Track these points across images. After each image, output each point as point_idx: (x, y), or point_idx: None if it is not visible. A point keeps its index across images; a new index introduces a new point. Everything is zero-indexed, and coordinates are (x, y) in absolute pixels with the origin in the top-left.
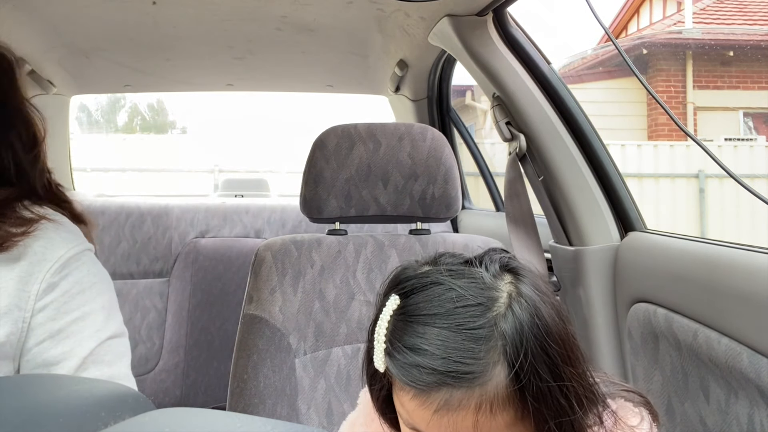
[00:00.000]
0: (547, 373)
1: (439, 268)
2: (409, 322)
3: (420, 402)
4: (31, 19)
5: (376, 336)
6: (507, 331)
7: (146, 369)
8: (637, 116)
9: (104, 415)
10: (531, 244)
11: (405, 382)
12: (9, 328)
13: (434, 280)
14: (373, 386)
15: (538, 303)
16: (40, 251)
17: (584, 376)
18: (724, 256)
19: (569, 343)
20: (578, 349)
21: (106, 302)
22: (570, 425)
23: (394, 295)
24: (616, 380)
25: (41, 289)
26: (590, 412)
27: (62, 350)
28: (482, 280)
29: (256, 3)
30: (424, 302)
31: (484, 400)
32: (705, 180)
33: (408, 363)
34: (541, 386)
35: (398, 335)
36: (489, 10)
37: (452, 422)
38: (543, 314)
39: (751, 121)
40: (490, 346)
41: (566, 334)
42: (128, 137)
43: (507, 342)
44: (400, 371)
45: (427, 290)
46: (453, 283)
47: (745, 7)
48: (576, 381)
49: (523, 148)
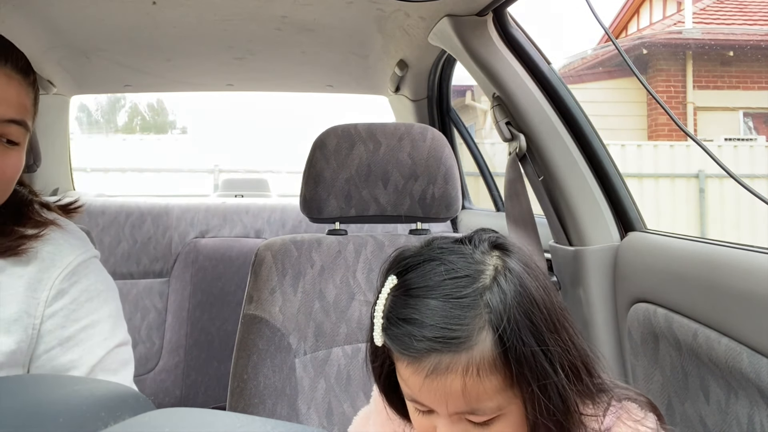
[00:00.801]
0: (530, 338)
1: (432, 247)
2: (404, 297)
3: (413, 369)
4: (31, 19)
5: (375, 314)
6: (491, 300)
7: (146, 369)
8: (637, 116)
9: (104, 415)
10: (531, 244)
11: (399, 351)
12: (19, 335)
13: (427, 258)
14: (375, 363)
15: (524, 276)
16: (48, 257)
17: (572, 345)
18: (724, 256)
19: (555, 313)
20: (567, 321)
21: (113, 310)
22: (555, 390)
23: (391, 275)
24: (621, 383)
25: (51, 296)
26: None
27: (71, 358)
28: (471, 256)
29: (256, 3)
30: (418, 277)
31: (471, 364)
32: (705, 180)
33: (401, 333)
34: (524, 350)
35: (394, 310)
36: (489, 10)
37: (442, 386)
38: (528, 285)
39: (751, 121)
40: (476, 314)
41: (552, 306)
42: (128, 137)
43: (491, 310)
44: (395, 341)
45: (420, 267)
46: (444, 259)
47: (745, 7)
48: (561, 347)
49: (523, 148)
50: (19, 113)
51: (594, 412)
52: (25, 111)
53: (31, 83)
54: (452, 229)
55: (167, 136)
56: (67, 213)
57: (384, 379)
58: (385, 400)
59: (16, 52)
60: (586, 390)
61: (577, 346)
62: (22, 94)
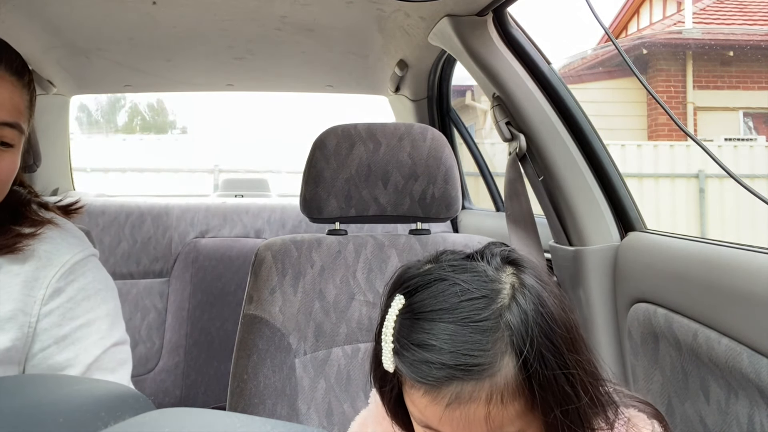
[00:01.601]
0: (552, 361)
1: (441, 264)
2: (415, 319)
3: (431, 398)
4: (31, 19)
5: (383, 337)
6: (512, 322)
7: (146, 369)
8: (637, 116)
9: (104, 415)
10: (531, 244)
11: (415, 379)
12: (15, 333)
13: (437, 277)
14: (384, 388)
15: (541, 292)
16: (45, 256)
17: (588, 363)
18: (724, 256)
19: (573, 331)
20: (581, 338)
21: (110, 309)
22: (576, 413)
23: (398, 294)
24: (627, 391)
25: (47, 294)
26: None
27: (67, 356)
28: (485, 273)
29: (256, 3)
30: (429, 299)
31: (494, 391)
32: (705, 180)
33: (417, 360)
34: (547, 374)
35: (405, 333)
36: (489, 10)
37: (464, 415)
38: (546, 303)
39: (751, 121)
40: (497, 337)
41: (569, 323)
42: (128, 137)
43: (513, 332)
44: (410, 369)
45: (431, 287)
46: (456, 278)
47: (745, 7)
48: (580, 368)
49: (523, 148)
50: (12, 116)
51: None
52: (18, 113)
53: (26, 84)
54: (452, 229)
55: (167, 136)
56: (67, 214)
57: (393, 401)
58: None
59: (9, 53)
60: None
61: (592, 364)
62: (16, 96)
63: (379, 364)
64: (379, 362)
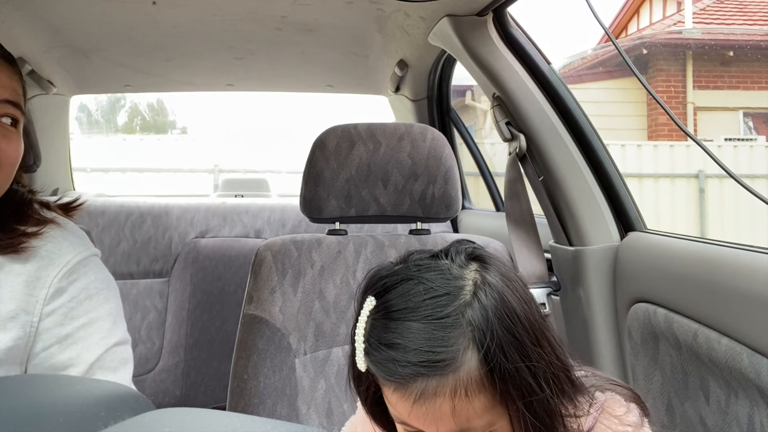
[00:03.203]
0: (514, 354)
1: (408, 265)
2: (383, 320)
3: (400, 394)
4: (31, 19)
5: (356, 338)
6: (473, 317)
7: (146, 369)
8: (637, 116)
9: (104, 415)
10: (531, 244)
11: (384, 378)
12: (17, 332)
13: (404, 277)
14: (360, 387)
15: (503, 289)
16: (47, 255)
17: (555, 357)
18: (724, 256)
19: (537, 326)
20: (549, 332)
21: (112, 308)
22: (540, 406)
23: (369, 296)
24: (605, 375)
25: (49, 294)
26: (562, 394)
27: (69, 356)
28: (449, 271)
29: (256, 3)
30: (396, 299)
31: (458, 385)
32: (705, 180)
33: (385, 358)
34: (509, 367)
35: (375, 334)
36: (489, 10)
37: (431, 410)
38: (508, 299)
39: (751, 121)
40: (459, 333)
41: (533, 317)
42: (128, 137)
43: (474, 327)
44: (379, 367)
45: (398, 287)
46: (421, 277)
47: (745, 7)
48: (544, 361)
49: (523, 148)
50: (13, 96)
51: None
52: (17, 95)
53: (18, 73)
54: (452, 229)
55: (167, 136)
56: (67, 212)
57: (370, 400)
58: (372, 420)
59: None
60: (567, 399)
61: (558, 356)
62: (14, 81)
63: (355, 364)
64: (354, 363)
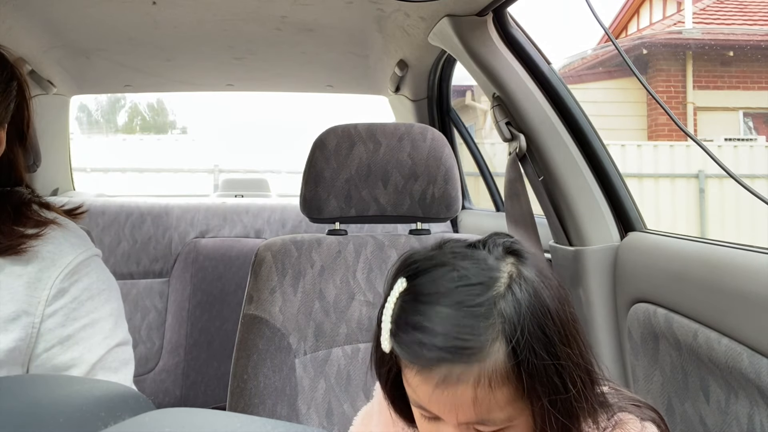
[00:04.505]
0: (543, 351)
1: (444, 251)
2: (413, 302)
3: (423, 378)
4: (31, 19)
5: (383, 318)
6: (506, 310)
7: (146, 369)
8: (637, 116)
9: (104, 415)
10: (531, 244)
11: (408, 360)
12: (19, 333)
13: (439, 262)
14: (381, 369)
15: (538, 285)
16: (48, 256)
17: (582, 358)
18: (724, 256)
19: (568, 325)
20: (579, 334)
21: (114, 309)
22: (564, 405)
23: (401, 278)
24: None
25: (51, 295)
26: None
27: (71, 356)
28: (485, 262)
29: (256, 3)
30: (428, 283)
31: (482, 375)
32: (705, 180)
33: (411, 340)
34: (537, 363)
35: (403, 315)
36: (489, 11)
37: (452, 396)
38: (542, 296)
39: (751, 121)
40: (489, 324)
41: (566, 317)
42: (128, 137)
43: (505, 320)
44: (404, 349)
45: (431, 271)
46: (456, 264)
47: (745, 7)
48: (572, 362)
49: (523, 148)
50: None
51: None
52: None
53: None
54: (452, 229)
55: (167, 136)
56: (69, 216)
57: (390, 383)
58: (390, 404)
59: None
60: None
61: (585, 360)
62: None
63: (379, 345)
64: (378, 344)
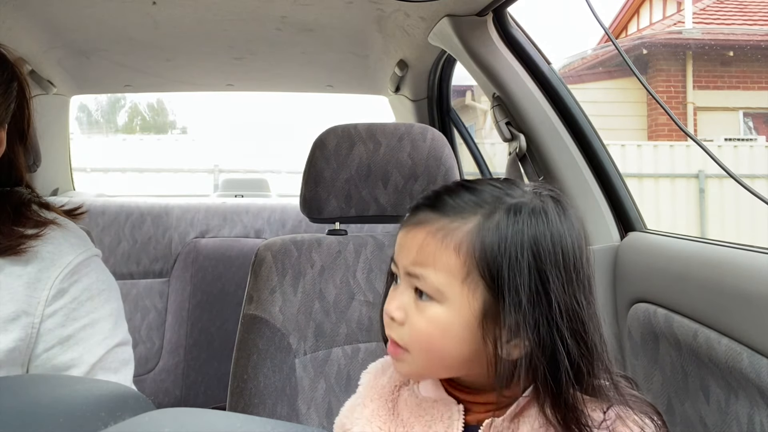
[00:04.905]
0: (528, 270)
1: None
2: (427, 198)
3: (404, 227)
4: (31, 19)
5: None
6: (512, 207)
7: (146, 369)
8: (637, 116)
9: (104, 415)
10: None
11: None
12: (18, 333)
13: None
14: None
15: (558, 227)
16: (48, 257)
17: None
18: (724, 256)
19: (569, 269)
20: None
21: (114, 309)
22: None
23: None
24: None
25: (51, 295)
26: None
27: (71, 357)
28: (522, 188)
29: (256, 3)
30: (446, 193)
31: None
32: (705, 180)
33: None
34: (513, 276)
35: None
36: (489, 11)
37: (411, 237)
38: (555, 234)
39: (751, 121)
40: (486, 207)
41: (573, 264)
42: (128, 137)
43: (502, 216)
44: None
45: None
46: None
47: (745, 7)
48: (565, 308)
49: (523, 148)
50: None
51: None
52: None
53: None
54: None
55: (167, 136)
56: (68, 216)
57: None
58: None
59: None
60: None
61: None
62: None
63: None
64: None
